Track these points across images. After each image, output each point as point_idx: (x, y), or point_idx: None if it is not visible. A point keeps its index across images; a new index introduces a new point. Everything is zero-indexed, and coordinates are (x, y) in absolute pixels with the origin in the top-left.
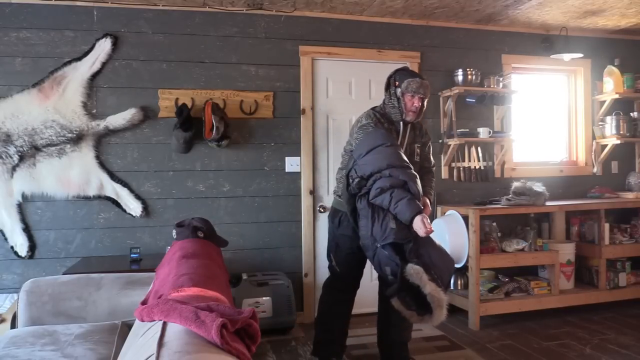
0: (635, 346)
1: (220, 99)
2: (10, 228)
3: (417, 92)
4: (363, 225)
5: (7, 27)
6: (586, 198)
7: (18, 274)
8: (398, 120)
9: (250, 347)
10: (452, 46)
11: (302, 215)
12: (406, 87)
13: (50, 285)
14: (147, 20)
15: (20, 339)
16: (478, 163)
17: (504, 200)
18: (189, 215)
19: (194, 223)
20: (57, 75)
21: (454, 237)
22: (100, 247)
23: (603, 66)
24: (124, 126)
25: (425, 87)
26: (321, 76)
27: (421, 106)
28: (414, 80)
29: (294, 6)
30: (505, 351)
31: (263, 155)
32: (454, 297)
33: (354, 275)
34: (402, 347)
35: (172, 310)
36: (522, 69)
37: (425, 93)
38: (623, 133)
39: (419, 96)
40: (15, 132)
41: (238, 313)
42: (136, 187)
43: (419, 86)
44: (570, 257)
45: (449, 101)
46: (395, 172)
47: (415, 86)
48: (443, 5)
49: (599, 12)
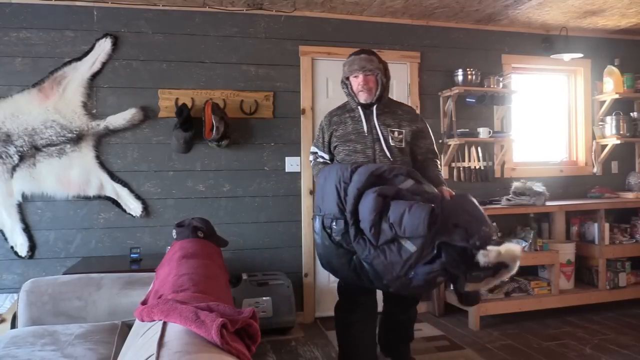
0: (635, 346)
1: (220, 99)
2: (10, 228)
3: (358, 70)
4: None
5: (7, 27)
6: (586, 198)
7: (18, 274)
8: (355, 106)
9: (250, 347)
10: (452, 46)
11: (302, 215)
12: (348, 70)
13: (50, 285)
14: (147, 20)
15: (20, 339)
16: (478, 163)
17: (504, 200)
18: (189, 215)
19: (194, 223)
20: (57, 75)
21: None
22: (100, 247)
23: (603, 66)
24: (124, 126)
25: (366, 61)
26: (321, 76)
27: (372, 82)
28: (351, 60)
29: (294, 6)
30: (505, 351)
31: (263, 155)
32: (454, 297)
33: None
34: (407, 347)
35: (172, 310)
36: (522, 69)
37: (369, 67)
38: (623, 133)
39: (364, 74)
40: (15, 132)
41: (238, 313)
42: (136, 187)
43: (358, 63)
44: (570, 257)
45: (449, 101)
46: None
47: (355, 66)
48: (443, 5)
49: (599, 12)
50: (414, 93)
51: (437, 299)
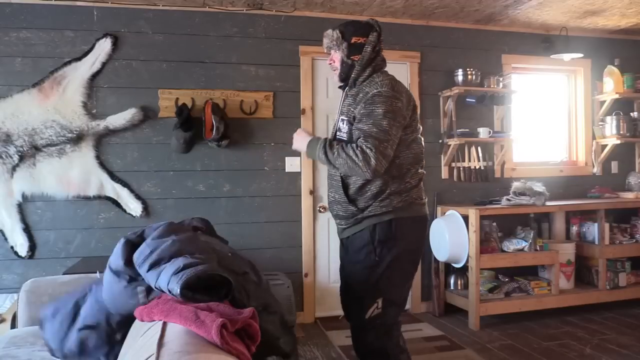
0: (635, 346)
1: (220, 99)
2: (10, 228)
3: (326, 51)
4: None
5: (7, 27)
6: (586, 198)
7: (18, 274)
8: (341, 89)
9: (250, 347)
10: (452, 46)
11: (302, 215)
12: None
13: (50, 285)
14: (147, 20)
15: (20, 339)
16: (478, 163)
17: (504, 200)
18: (189, 215)
19: (194, 223)
20: (57, 75)
21: (453, 237)
22: (100, 247)
23: (603, 66)
24: (124, 126)
25: (325, 37)
26: (321, 76)
27: (336, 64)
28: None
29: (294, 6)
30: (505, 351)
31: (263, 155)
32: (454, 297)
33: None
34: None
35: (172, 310)
36: (522, 69)
37: (327, 44)
38: (623, 133)
39: (327, 53)
40: (15, 132)
41: (238, 313)
42: (136, 187)
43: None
44: (570, 257)
45: (449, 101)
46: None
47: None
48: (443, 5)
49: (599, 12)
50: (414, 93)
51: (437, 299)
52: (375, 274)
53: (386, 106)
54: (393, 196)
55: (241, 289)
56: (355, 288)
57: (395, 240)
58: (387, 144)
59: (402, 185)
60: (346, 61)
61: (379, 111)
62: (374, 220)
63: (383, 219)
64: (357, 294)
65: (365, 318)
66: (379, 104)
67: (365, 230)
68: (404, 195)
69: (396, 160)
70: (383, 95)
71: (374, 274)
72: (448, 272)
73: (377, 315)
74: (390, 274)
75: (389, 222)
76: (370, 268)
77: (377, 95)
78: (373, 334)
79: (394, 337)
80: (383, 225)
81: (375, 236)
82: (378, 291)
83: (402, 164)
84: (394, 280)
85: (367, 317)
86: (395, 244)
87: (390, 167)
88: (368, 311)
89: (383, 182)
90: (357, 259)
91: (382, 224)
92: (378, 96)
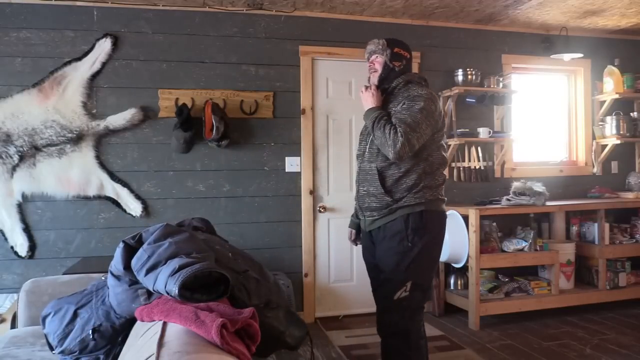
0: (635, 346)
1: (220, 99)
2: (10, 228)
3: (367, 56)
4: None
5: (7, 27)
6: (586, 198)
7: (18, 274)
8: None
9: (250, 347)
10: (452, 46)
11: (302, 215)
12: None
13: (50, 285)
14: (147, 20)
15: (20, 339)
16: (478, 163)
17: (504, 200)
18: (189, 215)
19: (194, 223)
20: (57, 75)
21: (454, 237)
22: (100, 247)
23: (603, 66)
24: (124, 126)
25: (371, 44)
26: (321, 76)
27: (377, 67)
28: None
29: (294, 6)
30: (505, 351)
31: (263, 155)
32: (454, 297)
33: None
34: None
35: (172, 310)
36: (522, 69)
37: (372, 49)
38: (623, 133)
39: (366, 59)
40: (15, 132)
41: (238, 313)
42: (136, 187)
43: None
44: (570, 257)
45: (449, 101)
46: None
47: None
48: (443, 5)
49: (599, 12)
50: None
51: (437, 299)
52: (407, 259)
53: (423, 105)
54: (425, 190)
55: (241, 287)
56: (386, 272)
57: (425, 229)
58: (416, 134)
59: (432, 181)
60: (388, 64)
61: (416, 107)
62: (407, 210)
63: (415, 209)
64: (387, 277)
65: (394, 299)
66: (418, 102)
67: (399, 219)
68: (434, 190)
69: (429, 158)
70: (423, 97)
71: (405, 259)
72: (448, 272)
73: (405, 298)
74: (419, 260)
75: (421, 212)
76: (402, 254)
77: (418, 96)
78: (398, 315)
79: (416, 321)
80: (415, 216)
81: (409, 224)
82: (407, 275)
83: (433, 162)
84: (423, 265)
85: (395, 298)
86: (425, 233)
87: (424, 164)
88: (397, 293)
89: (417, 176)
90: (389, 246)
91: (414, 214)
92: (419, 97)
